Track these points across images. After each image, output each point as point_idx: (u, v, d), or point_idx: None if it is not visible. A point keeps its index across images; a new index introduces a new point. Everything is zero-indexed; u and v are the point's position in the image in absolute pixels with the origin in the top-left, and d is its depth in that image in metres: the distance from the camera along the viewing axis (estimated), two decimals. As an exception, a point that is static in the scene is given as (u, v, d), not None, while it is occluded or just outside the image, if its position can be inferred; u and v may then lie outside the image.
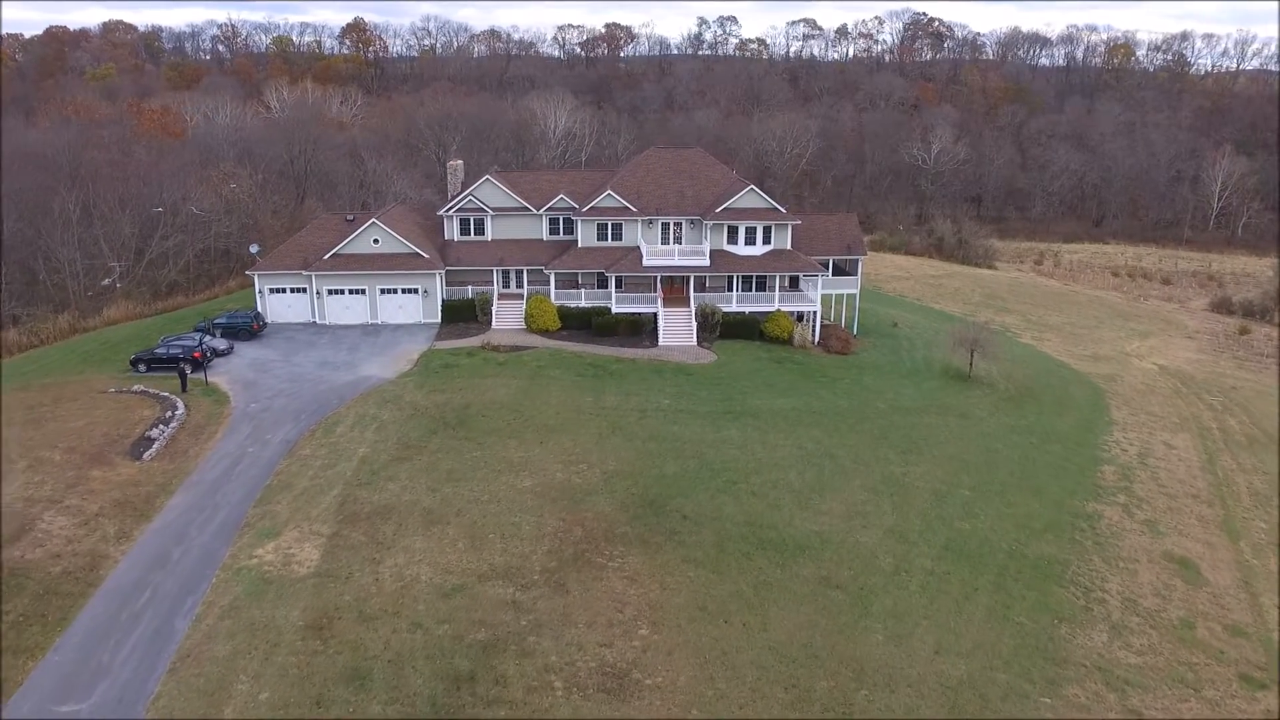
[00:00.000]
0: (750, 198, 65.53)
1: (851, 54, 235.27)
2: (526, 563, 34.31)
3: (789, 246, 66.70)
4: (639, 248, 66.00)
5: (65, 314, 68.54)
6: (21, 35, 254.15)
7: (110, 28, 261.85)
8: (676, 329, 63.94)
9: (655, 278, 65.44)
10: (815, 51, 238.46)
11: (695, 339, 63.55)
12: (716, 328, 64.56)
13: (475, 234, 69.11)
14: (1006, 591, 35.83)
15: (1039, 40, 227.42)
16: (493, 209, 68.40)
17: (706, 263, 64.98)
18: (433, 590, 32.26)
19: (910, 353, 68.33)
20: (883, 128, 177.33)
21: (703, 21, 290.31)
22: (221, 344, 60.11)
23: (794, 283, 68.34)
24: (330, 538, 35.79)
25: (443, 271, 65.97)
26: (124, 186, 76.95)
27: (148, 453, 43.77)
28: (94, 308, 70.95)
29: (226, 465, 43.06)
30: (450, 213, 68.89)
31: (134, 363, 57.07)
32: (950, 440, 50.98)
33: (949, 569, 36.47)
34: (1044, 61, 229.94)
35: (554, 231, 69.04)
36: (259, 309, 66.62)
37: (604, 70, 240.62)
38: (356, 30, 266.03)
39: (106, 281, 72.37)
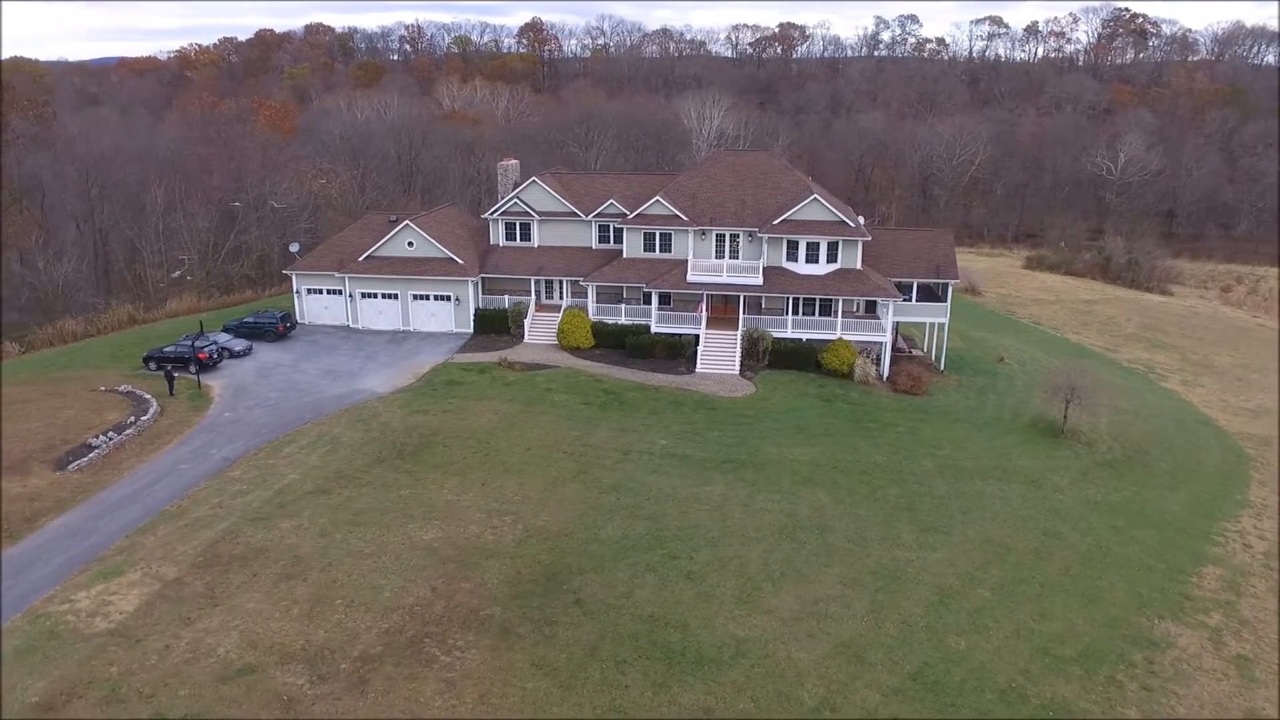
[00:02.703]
0: (814, 208, 57.01)
1: (1040, 54, 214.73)
2: (349, 643, 28.60)
3: (858, 265, 57.63)
4: (688, 261, 58.95)
5: (128, 305, 68.82)
6: (236, 39, 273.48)
7: (311, 29, 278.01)
8: (718, 355, 56.48)
9: (701, 296, 58.18)
10: (1001, 52, 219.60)
11: (738, 367, 55.85)
12: (765, 355, 56.58)
13: (521, 239, 64.15)
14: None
15: (1264, 35, 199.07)
16: (539, 213, 63.20)
17: (758, 281, 57.08)
18: (216, 669, 27.13)
19: (1002, 397, 57.62)
20: (1065, 134, 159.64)
21: (880, 21, 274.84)
22: (239, 345, 58.06)
23: (870, 307, 59.22)
24: (167, 584, 31.46)
25: (476, 279, 61.42)
26: (207, 181, 77.14)
27: (76, 463, 41.33)
28: (158, 300, 71.14)
29: (146, 483, 39.92)
30: (495, 216, 64.27)
31: (146, 360, 55.86)
32: (998, 517, 41.12)
33: (901, 711, 27.65)
34: (1269, 59, 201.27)
35: (604, 239, 63.06)
36: (296, 309, 64.55)
37: (773, 71, 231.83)
38: (534, 30, 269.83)
39: (176, 274, 72.68)
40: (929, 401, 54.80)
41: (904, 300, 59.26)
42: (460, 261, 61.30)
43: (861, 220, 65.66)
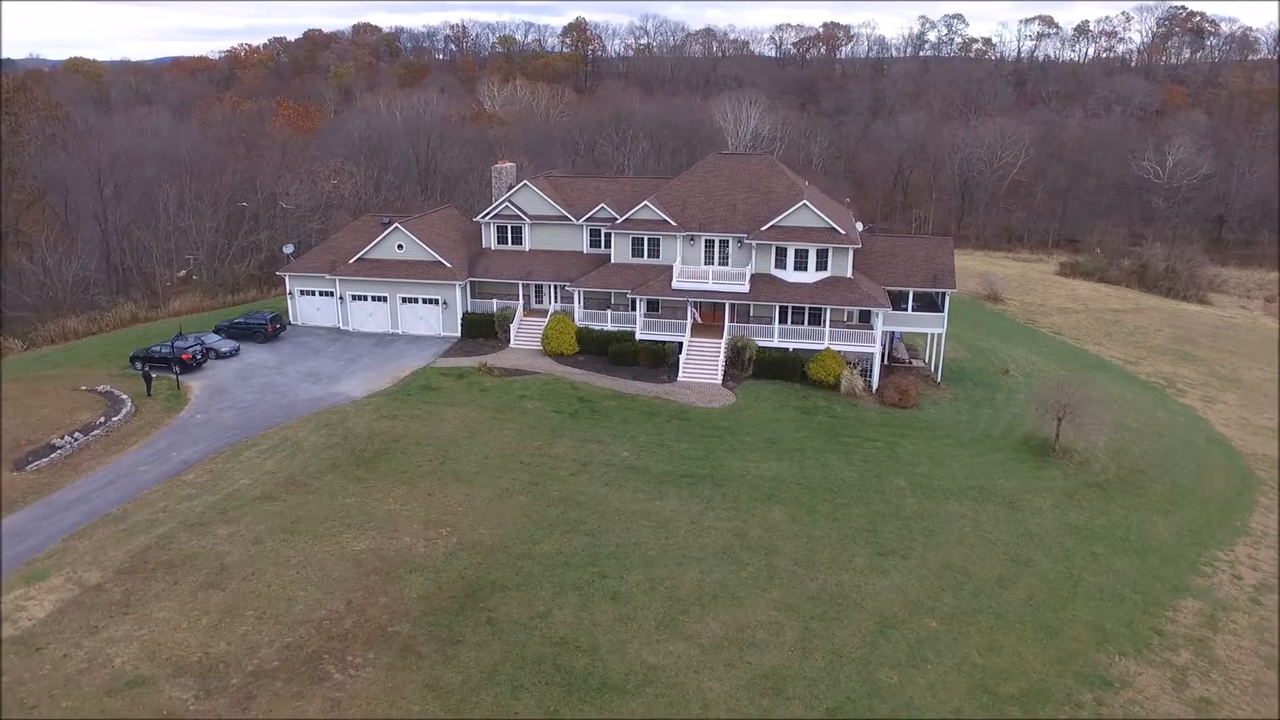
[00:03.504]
0: (803, 214, 55.42)
1: (1091, 54, 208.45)
2: (247, 657, 28.05)
3: (848, 274, 55.90)
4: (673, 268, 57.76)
5: (131, 304, 69.70)
6: (285, 39, 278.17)
7: (359, 29, 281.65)
8: (701, 363, 55.23)
9: (686, 303, 56.96)
10: (1051, 52, 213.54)
11: (720, 377, 54.54)
12: (749, 365, 55.18)
13: (513, 243, 63.55)
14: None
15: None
16: (531, 217, 62.51)
17: (745, 289, 55.66)
18: (107, 681, 26.76)
19: (998, 412, 55.48)
20: (1111, 136, 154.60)
21: (925, 20, 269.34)
22: (226, 346, 58.29)
23: (865, 317, 57.43)
24: (86, 590, 31.29)
25: (464, 283, 60.93)
26: (217, 181, 77.94)
27: (36, 463, 41.61)
28: (164, 299, 71.97)
29: (100, 485, 40.00)
30: (487, 219, 63.73)
31: (132, 360, 56.28)
32: (964, 540, 39.33)
33: (812, 747, 26.32)
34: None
35: (595, 244, 62.14)
36: (289, 311, 64.74)
37: (815, 71, 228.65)
38: (577, 30, 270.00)
39: (183, 273, 73.46)
40: (916, 416, 52.93)
41: (900, 310, 57.49)
42: (448, 265, 60.87)
43: (860, 226, 64.04)
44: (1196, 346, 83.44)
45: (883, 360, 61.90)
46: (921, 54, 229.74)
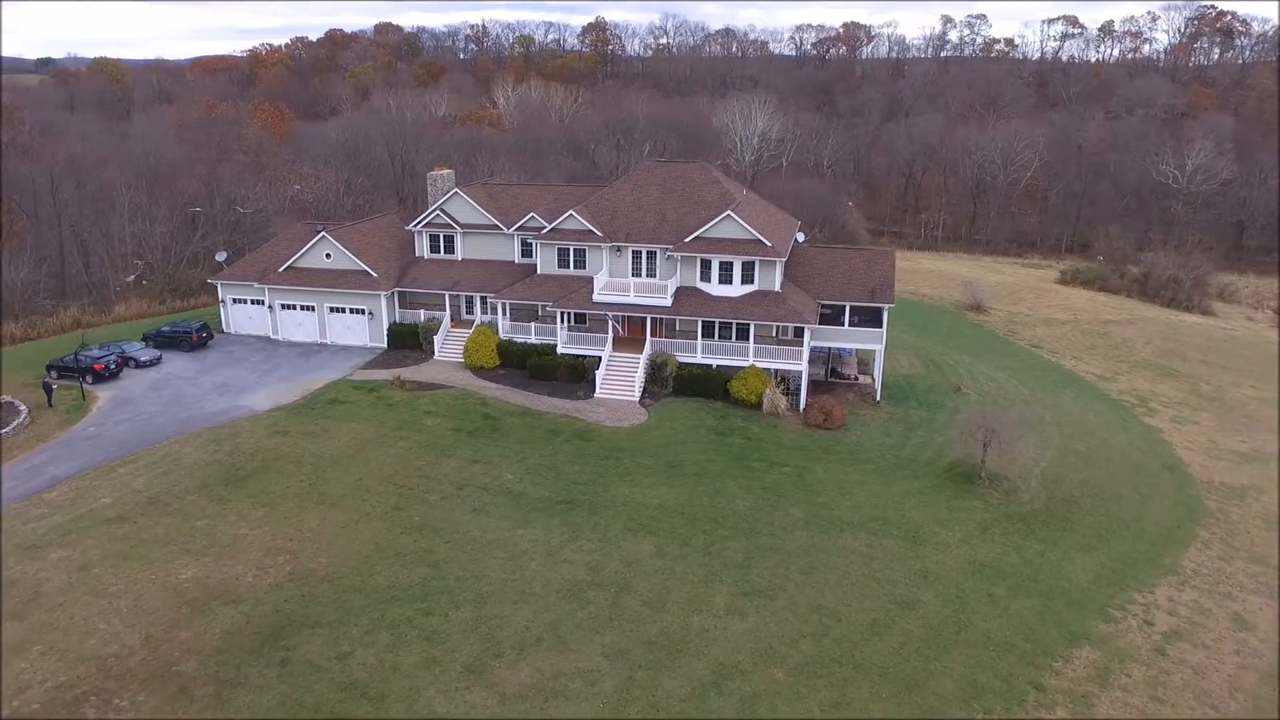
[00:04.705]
0: (728, 225, 53.03)
1: (1116, 54, 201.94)
2: (12, 698, 26.55)
3: (776, 288, 53.41)
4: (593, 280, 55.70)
5: (74, 309, 69.20)
6: (307, 38, 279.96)
7: (380, 29, 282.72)
8: (619, 380, 53.12)
9: (608, 316, 54.88)
10: (1075, 53, 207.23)
11: (638, 394, 52.39)
12: (669, 382, 52.96)
13: (445, 252, 61.94)
14: None
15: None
16: (462, 226, 60.86)
17: (666, 302, 53.43)
18: None
19: (934, 434, 52.61)
20: (1129, 139, 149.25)
21: (948, 20, 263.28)
22: (147, 355, 57.36)
23: (801, 332, 54.92)
24: (-123, 625, 30.09)
25: (389, 293, 59.43)
26: (174, 185, 77.33)
27: (-101, 479, 40.72)
28: (106, 304, 71.41)
29: (-45, 504, 38.93)
30: (419, 228, 62.17)
31: (49, 369, 55.52)
32: (846, 579, 36.78)
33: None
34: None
35: (527, 254, 60.33)
36: (222, 319, 63.76)
37: (833, 72, 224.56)
38: (597, 30, 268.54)
39: (131, 278, 72.86)
40: (840, 438, 50.32)
41: (836, 325, 54.97)
42: (374, 274, 59.39)
43: (801, 237, 61.54)
44: (1185, 361, 79.41)
45: (826, 377, 59.51)
46: (943, 54, 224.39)
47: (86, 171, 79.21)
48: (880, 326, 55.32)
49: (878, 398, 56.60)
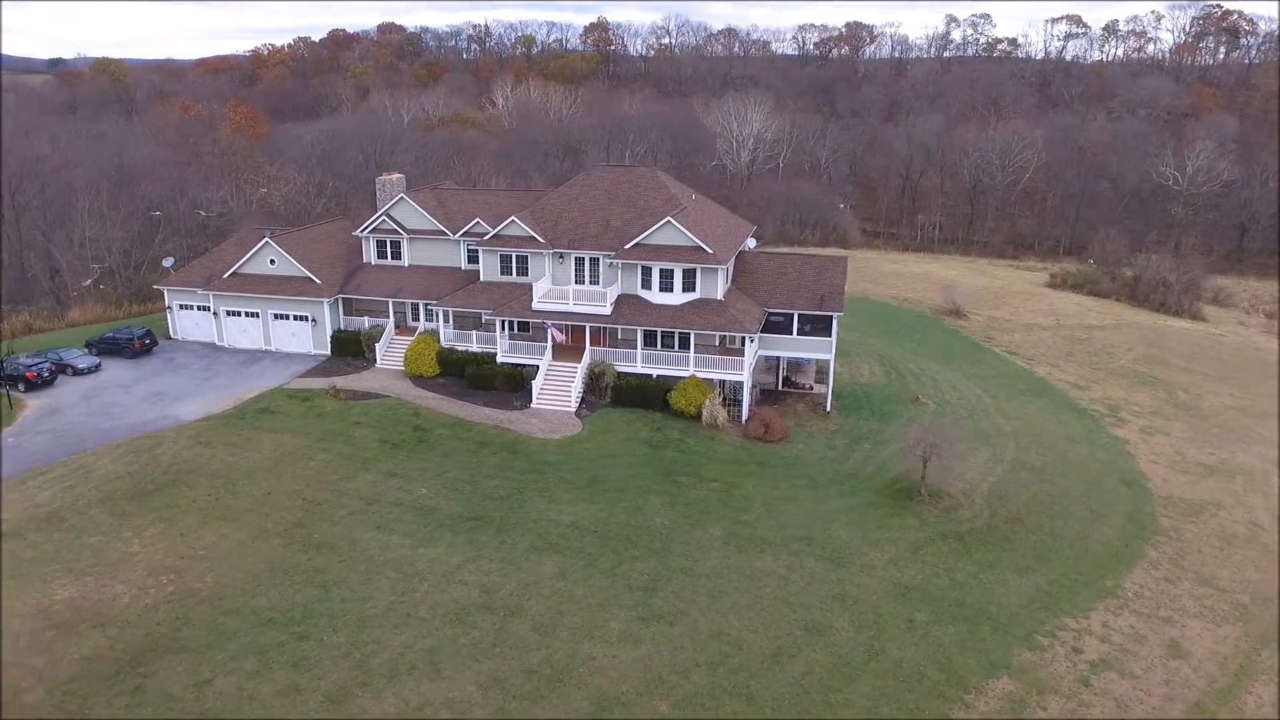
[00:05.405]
0: (669, 232, 51.61)
1: (1120, 54, 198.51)
2: None
3: (719, 296, 51.95)
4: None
5: (27, 313, 68.57)
6: (309, 38, 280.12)
7: (383, 29, 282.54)
8: (556, 389, 51.80)
9: (547, 325, 53.52)
10: (1078, 52, 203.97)
11: (574, 404, 51.06)
12: (607, 392, 51.61)
13: (392, 258, 60.80)
14: None
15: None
16: (409, 232, 59.72)
17: (606, 311, 52.09)
18: None
19: (880, 447, 50.97)
20: (1129, 140, 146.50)
21: (951, 20, 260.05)
22: (85, 362, 56.47)
23: (745, 340, 53.39)
24: None
25: (331, 300, 58.36)
26: (134, 190, 76.63)
27: None
28: (61, 309, 70.77)
29: None
30: (366, 234, 61.06)
31: (-15, 377, 54.76)
32: (756, 603, 35.30)
33: None
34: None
35: (473, 260, 59.01)
36: (170, 325, 62.90)
37: (835, 71, 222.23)
38: (599, 29, 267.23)
39: (87, 282, 72.21)
40: (779, 451, 48.81)
41: (784, 334, 53.52)
42: (318, 281, 58.36)
43: (753, 244, 60.16)
44: (1166, 368, 77.32)
45: (778, 386, 58.06)
46: (945, 54, 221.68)
47: (49, 174, 78.64)
48: (830, 335, 53.76)
49: (828, 408, 55.03)
